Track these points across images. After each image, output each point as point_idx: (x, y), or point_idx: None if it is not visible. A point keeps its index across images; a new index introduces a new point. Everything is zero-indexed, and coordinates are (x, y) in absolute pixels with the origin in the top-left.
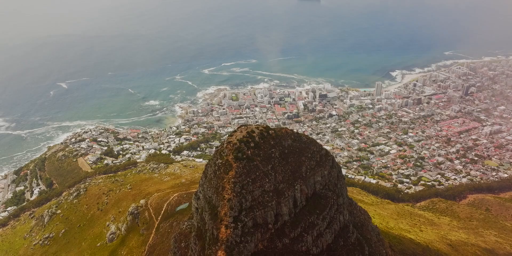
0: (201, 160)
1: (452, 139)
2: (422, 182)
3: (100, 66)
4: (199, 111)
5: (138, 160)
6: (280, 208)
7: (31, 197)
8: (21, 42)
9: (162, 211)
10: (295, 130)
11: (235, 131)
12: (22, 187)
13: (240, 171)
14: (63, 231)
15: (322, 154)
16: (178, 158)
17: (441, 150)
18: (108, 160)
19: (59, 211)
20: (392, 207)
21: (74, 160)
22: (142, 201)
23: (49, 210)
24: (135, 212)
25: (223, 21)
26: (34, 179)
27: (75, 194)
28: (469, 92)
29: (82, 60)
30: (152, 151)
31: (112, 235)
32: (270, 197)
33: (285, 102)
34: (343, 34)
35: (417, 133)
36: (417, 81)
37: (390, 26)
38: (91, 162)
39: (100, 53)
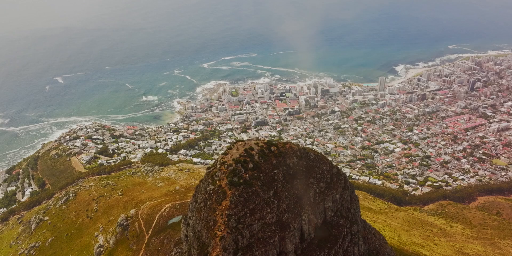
0: (198, 159)
1: (458, 136)
2: (429, 182)
3: (99, 60)
4: (198, 107)
5: (133, 160)
6: (284, 245)
7: (22, 198)
8: (21, 35)
9: (153, 224)
10: (297, 127)
11: (230, 148)
12: (14, 187)
13: (236, 200)
14: (50, 240)
15: (333, 174)
16: (175, 157)
17: (448, 148)
18: (103, 160)
19: (46, 218)
20: (402, 215)
21: (68, 159)
22: (132, 211)
23: (37, 216)
24: (125, 223)
25: (225, 14)
26: (26, 178)
27: (64, 199)
28: (474, 87)
29: (81, 54)
30: (148, 150)
31: (100, 248)
32: (272, 232)
33: (286, 97)
34: (348, 27)
35: (422, 130)
36: (421, 75)
37: (396, 19)
38: (85, 162)
39: (99, 47)
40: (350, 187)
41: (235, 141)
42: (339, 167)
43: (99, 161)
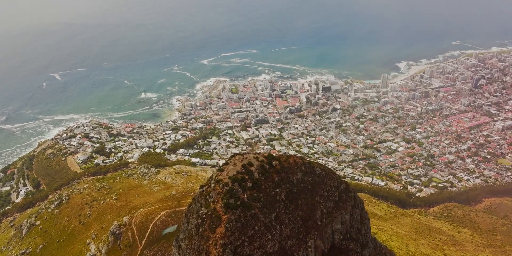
0: (197, 159)
1: (462, 135)
2: (433, 183)
3: (98, 57)
4: (197, 104)
5: (130, 160)
6: None
7: (17, 198)
8: (22, 31)
9: (147, 233)
10: (298, 125)
11: (226, 163)
12: (8, 187)
13: (233, 227)
14: (41, 246)
15: (341, 190)
16: (173, 157)
17: (452, 147)
18: (99, 160)
19: (38, 222)
20: (408, 221)
21: (63, 159)
22: (125, 219)
23: (28, 221)
24: (117, 232)
25: (226, 10)
26: (21, 178)
27: (56, 203)
28: (478, 84)
29: (81, 51)
30: (146, 149)
31: None
32: None
33: (287, 95)
34: (350, 24)
35: (425, 128)
36: (424, 72)
37: (399, 15)
38: (81, 162)
39: (100, 43)
40: (360, 204)
41: (232, 154)
42: (342, 166)
43: (95, 161)
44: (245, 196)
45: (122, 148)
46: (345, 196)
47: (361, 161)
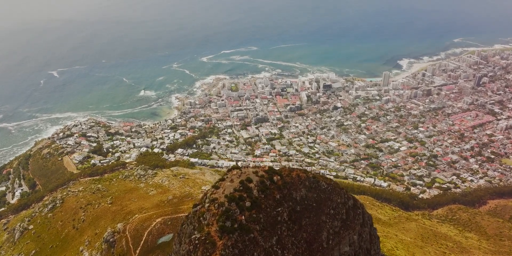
0: (196, 159)
1: (465, 134)
2: (436, 184)
3: (98, 54)
4: (197, 102)
5: (127, 161)
6: None
7: (12, 199)
8: (23, 28)
9: (142, 242)
10: (298, 124)
11: (222, 178)
12: (4, 188)
13: (229, 254)
14: (33, 252)
15: (349, 207)
16: (171, 157)
17: (455, 147)
18: (96, 160)
19: (31, 227)
20: (413, 227)
21: (60, 158)
22: (119, 225)
23: (21, 224)
24: (111, 239)
25: (228, 7)
26: (16, 179)
27: (50, 206)
28: (481, 82)
29: (81, 48)
30: (144, 149)
31: None
32: None
33: (287, 93)
34: (351, 21)
35: (428, 127)
36: (425, 70)
37: (401, 12)
38: (77, 162)
39: (99, 41)
40: (369, 221)
41: (229, 168)
42: (344, 166)
43: (92, 161)
44: (243, 217)
45: (120, 147)
46: (353, 213)
47: (362, 161)
